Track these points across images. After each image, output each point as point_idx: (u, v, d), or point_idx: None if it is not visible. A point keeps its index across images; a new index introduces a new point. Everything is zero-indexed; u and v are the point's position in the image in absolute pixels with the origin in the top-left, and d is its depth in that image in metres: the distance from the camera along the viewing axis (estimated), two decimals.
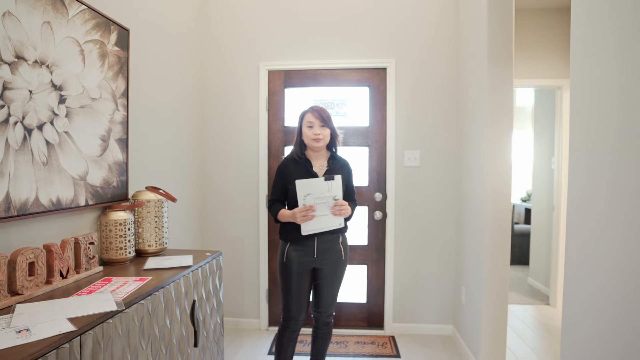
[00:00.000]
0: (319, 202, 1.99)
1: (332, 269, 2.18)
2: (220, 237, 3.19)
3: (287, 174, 2.13)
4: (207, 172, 3.19)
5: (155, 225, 2.10)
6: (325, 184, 1.99)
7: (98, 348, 1.23)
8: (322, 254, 2.14)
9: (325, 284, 2.19)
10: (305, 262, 2.12)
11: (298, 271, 2.12)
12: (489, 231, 2.46)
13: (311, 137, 2.11)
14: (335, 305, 2.28)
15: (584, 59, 1.38)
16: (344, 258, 2.21)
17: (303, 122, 2.14)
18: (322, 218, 2.01)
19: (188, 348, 1.85)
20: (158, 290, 1.60)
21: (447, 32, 3.03)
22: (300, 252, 2.11)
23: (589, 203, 1.35)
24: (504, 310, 2.51)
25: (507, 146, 2.44)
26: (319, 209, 2.00)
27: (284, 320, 2.19)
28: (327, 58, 3.09)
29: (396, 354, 2.80)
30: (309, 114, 2.14)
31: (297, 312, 2.15)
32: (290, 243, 2.13)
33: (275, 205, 2.17)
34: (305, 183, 1.98)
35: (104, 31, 1.88)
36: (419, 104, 3.05)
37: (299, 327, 2.18)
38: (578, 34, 1.41)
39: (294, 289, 2.13)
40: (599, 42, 1.29)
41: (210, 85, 3.17)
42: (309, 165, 2.15)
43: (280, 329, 2.21)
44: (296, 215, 2.00)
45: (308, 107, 2.19)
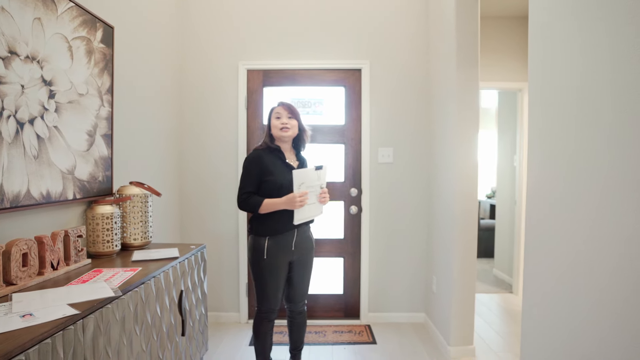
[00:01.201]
0: (310, 191, 2.07)
1: (305, 260, 2.25)
2: (200, 232, 3.23)
3: (263, 164, 2.10)
4: (188, 168, 3.23)
5: (140, 219, 2.15)
6: (316, 174, 2.08)
7: (98, 332, 1.29)
8: (299, 245, 2.18)
9: (299, 276, 2.24)
10: (285, 256, 2.14)
11: (278, 265, 2.12)
12: (457, 224, 2.63)
13: (279, 127, 2.14)
14: (307, 295, 2.33)
15: (539, 65, 1.55)
16: (314, 246, 2.31)
17: (272, 115, 2.20)
18: (311, 206, 2.11)
19: (176, 336, 1.91)
20: (150, 279, 1.66)
21: (419, 36, 3.20)
22: (280, 245, 2.12)
23: (543, 197, 1.52)
24: (471, 298, 2.69)
25: (473, 145, 2.62)
26: (310, 197, 2.08)
27: (261, 312, 2.18)
28: (305, 59, 3.19)
29: (372, 340, 2.94)
30: (278, 107, 2.20)
31: (275, 304, 2.17)
32: (269, 237, 2.11)
33: (252, 198, 2.08)
34: (301, 172, 2.04)
35: (90, 28, 1.92)
36: (393, 103, 3.21)
37: (275, 316, 2.21)
38: (534, 43, 1.58)
39: (274, 284, 2.14)
40: (552, 50, 1.46)
41: (190, 83, 3.21)
42: (282, 157, 2.17)
43: (257, 320, 2.20)
44: (296, 200, 2.00)
45: (276, 103, 2.25)
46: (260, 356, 2.26)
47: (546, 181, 1.51)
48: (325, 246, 3.27)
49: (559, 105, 1.43)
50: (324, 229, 3.28)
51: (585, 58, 1.28)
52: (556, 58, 1.44)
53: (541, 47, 1.54)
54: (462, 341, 2.69)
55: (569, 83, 1.36)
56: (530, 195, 1.64)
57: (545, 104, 1.52)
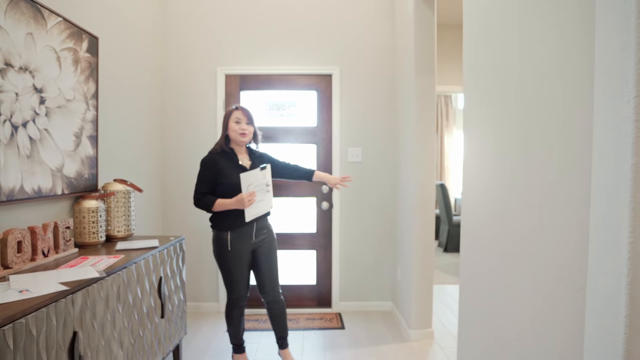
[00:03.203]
0: (257, 189, 2.28)
1: (267, 250, 2.42)
2: (181, 226, 3.44)
3: (217, 168, 2.29)
4: (169, 166, 3.43)
5: (123, 213, 2.35)
6: (261, 174, 2.29)
7: (85, 307, 1.50)
8: (259, 236, 2.37)
9: (264, 266, 2.41)
10: (246, 246, 2.34)
11: (240, 255, 2.33)
12: (417, 219, 2.88)
13: (238, 132, 2.30)
14: (279, 283, 2.48)
15: (471, 72, 1.80)
16: (275, 237, 2.51)
17: (230, 118, 2.32)
18: (260, 203, 2.31)
19: (156, 318, 2.13)
20: (131, 265, 1.87)
21: (386, 45, 3.45)
22: (242, 237, 2.31)
23: (475, 192, 1.78)
24: (429, 286, 2.95)
25: (431, 144, 2.88)
26: (257, 195, 2.28)
27: (231, 300, 2.39)
28: (280, 64, 3.42)
29: (341, 326, 3.18)
30: (238, 111, 2.33)
31: (243, 289, 2.38)
32: (231, 231, 2.30)
33: (206, 198, 2.28)
34: (249, 175, 2.24)
35: (77, 39, 2.12)
36: (361, 106, 3.46)
37: (244, 303, 2.42)
38: (467, 51, 1.84)
39: (239, 272, 2.34)
40: (479, 60, 1.72)
41: (172, 86, 3.41)
42: (236, 159, 2.34)
43: (228, 308, 2.42)
44: (245, 200, 2.18)
45: (233, 107, 2.38)
46: (233, 339, 2.49)
47: (475, 179, 1.77)
48: (299, 239, 3.51)
49: (485, 107, 1.68)
50: (298, 223, 3.52)
51: (501, 66, 1.53)
52: (482, 65, 1.69)
53: (473, 55, 1.79)
54: (422, 325, 2.95)
55: (492, 88, 1.62)
56: (464, 191, 1.90)
57: (475, 106, 1.78)
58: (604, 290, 0.79)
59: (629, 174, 0.63)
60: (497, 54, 1.53)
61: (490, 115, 1.61)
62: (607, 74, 0.74)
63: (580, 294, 1.03)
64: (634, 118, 0.63)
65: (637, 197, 0.62)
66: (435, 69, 2.87)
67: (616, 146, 0.69)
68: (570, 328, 1.06)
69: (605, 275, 0.76)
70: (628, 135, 0.64)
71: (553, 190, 1.15)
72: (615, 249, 0.70)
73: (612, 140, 0.69)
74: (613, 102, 0.71)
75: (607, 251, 0.77)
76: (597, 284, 0.81)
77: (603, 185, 0.77)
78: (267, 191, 2.34)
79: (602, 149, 0.78)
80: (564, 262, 1.10)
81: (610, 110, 0.72)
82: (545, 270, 1.20)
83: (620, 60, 0.66)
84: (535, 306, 1.24)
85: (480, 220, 1.70)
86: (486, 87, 1.64)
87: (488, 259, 1.61)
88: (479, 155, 1.72)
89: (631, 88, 0.63)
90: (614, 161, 0.70)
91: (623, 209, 0.65)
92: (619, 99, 0.67)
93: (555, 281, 1.14)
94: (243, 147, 2.43)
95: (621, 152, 0.66)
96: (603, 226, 0.79)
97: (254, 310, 3.41)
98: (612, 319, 0.71)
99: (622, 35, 0.65)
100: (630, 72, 0.63)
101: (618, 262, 0.68)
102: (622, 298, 0.65)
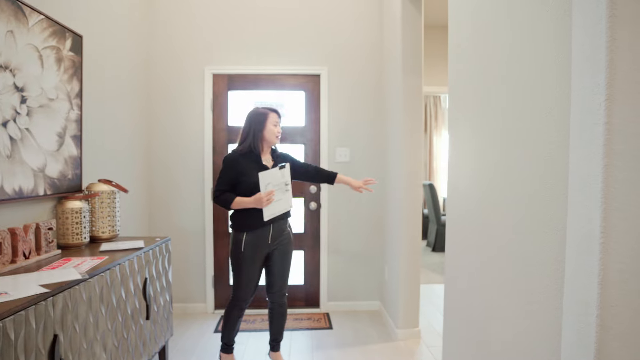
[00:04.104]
0: (276, 188, 2.28)
1: (283, 251, 2.45)
2: (168, 227, 3.41)
3: (240, 167, 2.31)
4: (156, 166, 3.40)
5: (108, 213, 2.33)
6: (279, 173, 2.30)
7: (67, 309, 1.48)
8: (275, 239, 2.39)
9: (277, 266, 2.45)
10: (261, 249, 2.35)
11: (254, 258, 2.34)
12: (404, 219, 2.90)
13: (276, 134, 2.38)
14: (287, 285, 2.53)
15: (455, 75, 1.82)
16: (292, 239, 2.53)
17: (269, 120, 2.36)
18: (279, 202, 2.31)
19: (141, 319, 2.11)
20: (115, 266, 1.85)
21: (374, 45, 3.46)
22: (257, 239, 2.33)
23: (460, 191, 1.80)
24: (417, 285, 2.96)
25: (418, 144, 2.90)
26: (276, 194, 2.29)
27: (235, 300, 2.39)
28: (268, 64, 3.42)
29: (329, 326, 3.19)
30: (275, 114, 2.40)
31: (248, 293, 2.38)
32: (247, 232, 2.32)
33: (225, 195, 2.30)
34: (267, 174, 2.25)
35: (60, 38, 2.09)
36: (349, 106, 3.47)
37: (246, 305, 2.42)
38: (452, 56, 1.86)
39: (249, 275, 2.35)
40: (463, 63, 1.73)
41: (159, 85, 3.39)
42: (259, 159, 2.36)
43: (230, 306, 2.41)
44: (263, 199, 2.20)
45: (266, 108, 2.42)
46: (225, 338, 2.48)
47: (459, 179, 1.78)
48: None
49: (468, 112, 1.70)
50: None
51: (484, 69, 1.55)
52: (465, 71, 1.71)
53: (455, 60, 1.81)
54: (409, 324, 2.97)
55: (475, 90, 1.64)
56: (449, 192, 1.91)
57: (459, 109, 1.79)
58: (580, 289, 0.81)
59: (599, 176, 0.64)
60: (480, 58, 1.55)
61: (472, 118, 1.63)
62: (581, 77, 0.75)
63: (561, 293, 1.05)
64: (605, 120, 0.64)
65: (607, 198, 0.64)
66: (422, 69, 2.89)
67: (590, 148, 0.70)
68: (552, 327, 1.08)
69: (580, 275, 0.78)
70: (600, 137, 0.65)
71: (535, 190, 1.17)
72: (589, 249, 0.71)
73: (587, 142, 0.70)
74: (588, 104, 0.72)
75: (582, 251, 0.78)
76: (573, 284, 0.82)
77: (578, 186, 0.78)
78: (286, 190, 2.35)
79: (578, 151, 0.79)
80: (545, 262, 1.11)
81: (586, 113, 0.74)
82: (527, 269, 1.21)
83: (593, 63, 0.67)
84: (519, 305, 1.26)
85: (464, 220, 1.71)
86: (470, 89, 1.66)
87: (472, 258, 1.63)
88: (462, 156, 1.74)
89: (602, 91, 0.64)
90: (588, 163, 0.71)
91: (595, 210, 0.66)
92: (592, 102, 0.68)
93: (537, 281, 1.15)
94: (269, 148, 2.46)
95: (594, 153, 0.67)
96: (579, 227, 0.81)
97: None
98: (586, 317, 0.72)
99: (594, 39, 0.66)
100: (601, 75, 0.64)
101: (590, 262, 0.69)
102: (593, 297, 0.66)
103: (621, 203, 0.63)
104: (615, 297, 0.65)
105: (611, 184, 0.63)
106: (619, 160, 0.63)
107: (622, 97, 0.62)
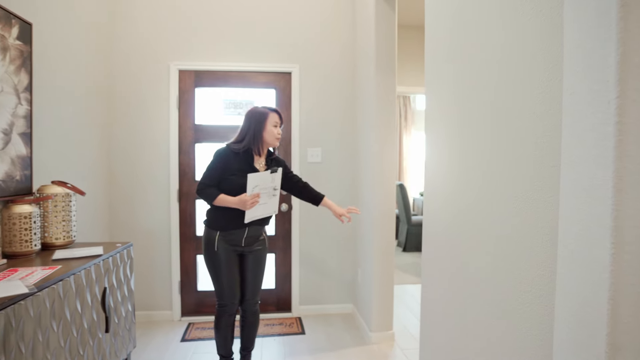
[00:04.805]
0: (263, 192, 2.16)
1: (257, 258, 2.33)
2: (130, 231, 3.22)
3: (229, 163, 2.19)
4: (118, 167, 3.20)
5: (62, 218, 2.14)
6: (270, 176, 2.17)
7: (10, 328, 1.32)
8: (249, 243, 2.28)
9: (250, 274, 2.32)
10: (233, 250, 2.24)
11: (227, 258, 2.23)
12: (377, 220, 2.85)
13: (276, 136, 2.25)
14: (260, 292, 2.41)
15: (433, 76, 1.77)
16: (267, 246, 2.41)
17: (268, 120, 2.23)
18: (263, 206, 2.20)
19: (99, 332, 1.94)
20: (69, 276, 1.69)
21: (347, 44, 3.39)
22: (229, 240, 2.22)
23: (438, 192, 1.75)
24: (390, 288, 2.92)
25: (392, 144, 2.85)
26: (262, 198, 2.16)
27: (220, 307, 2.27)
28: (237, 61, 3.28)
29: (301, 331, 3.09)
30: (275, 114, 2.27)
31: (232, 296, 2.26)
32: (220, 232, 2.22)
33: (209, 189, 2.18)
34: (257, 176, 2.11)
35: (4, 25, 1.89)
36: (321, 105, 3.38)
37: (234, 310, 2.29)
38: (429, 59, 1.80)
39: (226, 275, 2.24)
40: (442, 60, 1.68)
41: (121, 80, 3.18)
42: (250, 160, 2.23)
43: (218, 315, 2.29)
44: (247, 202, 2.08)
45: (268, 107, 2.29)
46: (221, 349, 2.34)
47: (437, 179, 1.73)
48: None
49: (447, 113, 1.65)
50: None
51: (460, 74, 1.50)
52: (445, 69, 1.66)
53: (433, 63, 1.75)
54: (383, 327, 2.92)
55: (450, 94, 1.59)
56: (427, 193, 1.86)
57: (438, 109, 1.74)
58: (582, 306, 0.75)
59: (610, 181, 0.59)
60: (461, 53, 1.50)
61: (453, 117, 1.58)
62: (578, 74, 0.70)
63: (546, 299, 1.00)
64: (615, 120, 0.58)
65: (619, 205, 0.58)
66: (396, 68, 2.84)
67: (595, 150, 0.64)
68: (537, 331, 1.03)
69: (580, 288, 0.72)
70: (609, 138, 0.59)
71: (519, 193, 1.12)
72: (593, 260, 0.66)
73: (590, 144, 0.64)
74: (590, 103, 0.67)
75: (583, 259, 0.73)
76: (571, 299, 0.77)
77: (575, 192, 0.73)
78: (274, 195, 2.24)
79: (576, 154, 0.73)
80: (528, 266, 1.07)
81: (587, 113, 0.68)
82: (509, 271, 1.16)
83: (599, 58, 0.61)
84: (500, 307, 1.21)
85: (443, 223, 1.66)
86: (450, 88, 1.61)
87: (451, 262, 1.58)
88: (442, 157, 1.69)
89: (612, 88, 0.59)
90: (592, 167, 0.65)
91: (604, 218, 0.60)
92: (597, 100, 0.62)
93: (519, 288, 1.11)
94: (267, 150, 2.33)
95: (602, 156, 0.61)
96: (575, 236, 0.75)
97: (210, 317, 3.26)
98: (590, 338, 0.66)
99: (601, 31, 0.61)
100: (611, 70, 0.59)
101: (598, 275, 0.63)
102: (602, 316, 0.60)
103: (635, 210, 0.58)
104: (627, 315, 0.59)
105: (623, 190, 0.57)
106: (631, 163, 0.57)
107: (635, 94, 0.57)
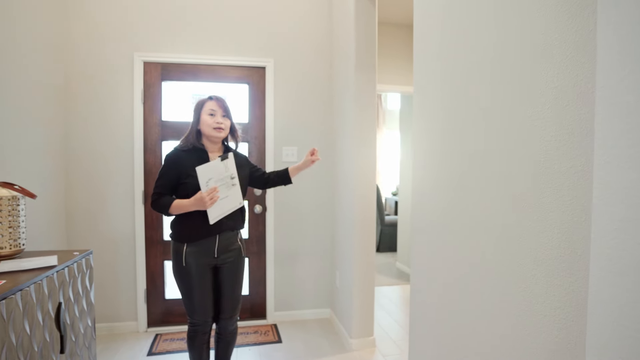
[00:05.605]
0: (220, 185, 1.91)
1: (233, 268, 2.08)
2: (92, 237, 2.96)
3: (181, 165, 1.95)
4: (77, 167, 2.93)
5: (8, 224, 1.90)
6: (222, 164, 1.91)
7: None
8: (222, 252, 2.03)
9: (227, 287, 2.08)
10: (205, 263, 1.99)
11: (199, 273, 1.98)
12: (357, 221, 2.74)
13: (213, 126, 1.97)
14: (239, 309, 2.15)
15: (421, 76, 1.66)
16: (243, 254, 2.15)
17: (203, 109, 1.99)
18: (225, 200, 1.94)
19: (53, 355, 1.72)
20: (15, 293, 1.47)
21: (323, 39, 3.26)
22: (199, 252, 1.97)
23: (425, 190, 1.64)
24: (371, 292, 2.81)
25: (371, 144, 2.74)
26: (221, 191, 1.92)
27: (191, 325, 2.04)
28: (208, 53, 3.08)
29: (278, 339, 2.94)
30: (212, 102, 2.00)
31: (204, 314, 2.02)
32: (187, 244, 1.97)
33: (163, 198, 1.94)
34: (206, 168, 1.87)
35: None
36: (297, 102, 3.24)
37: (208, 327, 2.06)
38: (417, 55, 1.70)
39: (197, 292, 1.99)
40: (429, 65, 1.58)
41: (80, 72, 2.91)
42: (204, 155, 2.01)
43: (190, 334, 2.05)
44: (205, 200, 1.83)
45: (207, 96, 2.03)
46: None
47: (426, 175, 1.63)
48: None
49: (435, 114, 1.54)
50: None
51: (448, 71, 1.40)
52: (430, 70, 1.56)
53: (422, 59, 1.65)
54: (363, 333, 2.81)
55: (438, 93, 1.48)
56: (415, 197, 1.75)
57: (424, 108, 1.64)
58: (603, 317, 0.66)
59: None
60: (455, 46, 1.40)
61: (445, 115, 1.48)
62: (617, 69, 0.60)
63: (537, 308, 0.91)
64: None
65: None
66: (377, 65, 2.73)
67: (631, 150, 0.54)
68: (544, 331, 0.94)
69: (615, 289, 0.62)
70: None
71: (521, 193, 1.02)
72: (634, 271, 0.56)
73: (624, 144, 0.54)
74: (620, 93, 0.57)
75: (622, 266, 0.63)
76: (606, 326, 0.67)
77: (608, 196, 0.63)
78: (233, 184, 1.96)
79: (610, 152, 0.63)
80: (521, 272, 0.97)
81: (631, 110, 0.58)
82: (500, 276, 1.07)
83: None
84: (497, 326, 1.12)
85: (435, 227, 1.56)
86: (441, 85, 1.50)
87: (445, 270, 1.48)
88: (431, 159, 1.58)
89: None
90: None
91: None
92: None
93: (512, 293, 1.01)
94: (218, 144, 2.07)
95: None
96: (615, 244, 0.65)
97: (180, 327, 3.05)
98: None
99: None
100: None
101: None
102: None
103: None
104: None
105: None
106: None
107: None
